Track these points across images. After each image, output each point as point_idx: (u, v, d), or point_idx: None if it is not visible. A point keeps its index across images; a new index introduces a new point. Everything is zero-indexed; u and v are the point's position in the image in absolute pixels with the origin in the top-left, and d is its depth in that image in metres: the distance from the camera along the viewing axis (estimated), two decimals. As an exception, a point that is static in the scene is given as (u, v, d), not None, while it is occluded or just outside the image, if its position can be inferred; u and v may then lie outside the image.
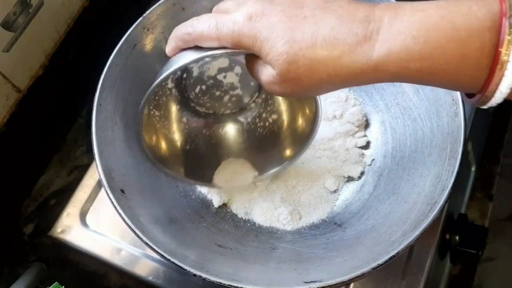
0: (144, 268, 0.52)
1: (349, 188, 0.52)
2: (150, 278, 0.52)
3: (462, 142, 0.43)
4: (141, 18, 0.49)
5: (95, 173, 0.57)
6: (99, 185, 0.56)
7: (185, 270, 0.39)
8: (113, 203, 0.42)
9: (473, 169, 0.74)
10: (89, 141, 0.44)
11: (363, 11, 0.31)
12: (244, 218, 0.51)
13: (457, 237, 0.55)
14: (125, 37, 0.48)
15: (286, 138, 0.50)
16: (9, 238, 0.58)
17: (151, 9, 0.49)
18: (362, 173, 0.52)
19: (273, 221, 0.50)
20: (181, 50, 0.38)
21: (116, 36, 0.48)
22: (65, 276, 0.56)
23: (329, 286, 0.39)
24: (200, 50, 0.36)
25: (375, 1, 0.45)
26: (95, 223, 0.55)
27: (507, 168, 0.80)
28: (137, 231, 0.40)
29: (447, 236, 0.55)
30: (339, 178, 0.51)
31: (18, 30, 0.51)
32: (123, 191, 0.44)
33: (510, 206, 0.80)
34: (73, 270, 0.56)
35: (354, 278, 0.39)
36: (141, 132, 0.44)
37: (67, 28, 0.59)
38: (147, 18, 0.49)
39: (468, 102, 0.33)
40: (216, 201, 0.51)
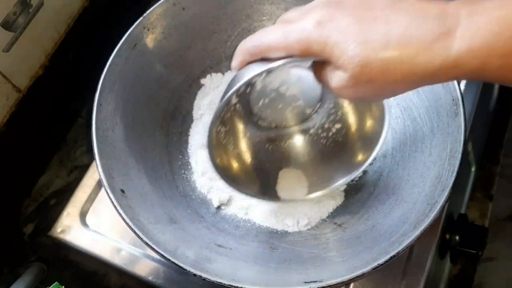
0: (144, 268, 0.52)
1: (350, 188, 0.52)
2: (150, 278, 0.52)
3: (462, 142, 0.43)
4: (141, 18, 0.49)
5: (95, 173, 0.57)
6: (99, 185, 0.56)
7: (185, 270, 0.39)
8: (113, 203, 0.42)
9: (473, 169, 0.74)
10: (89, 141, 0.44)
11: (436, 8, 0.31)
12: (244, 218, 0.51)
13: (457, 237, 0.55)
14: (125, 37, 0.48)
15: (355, 144, 0.48)
16: (9, 238, 0.58)
17: (151, 9, 0.49)
18: (365, 172, 0.52)
19: (273, 221, 0.50)
20: (247, 63, 0.37)
21: (116, 36, 0.48)
22: (65, 276, 0.56)
23: (329, 286, 0.39)
24: (267, 62, 0.35)
25: None
26: (95, 223, 0.55)
27: (507, 168, 0.80)
28: (137, 231, 0.40)
29: (447, 236, 0.55)
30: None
31: (18, 30, 0.51)
32: (123, 191, 0.44)
33: (510, 206, 0.80)
34: (73, 270, 0.56)
35: (354, 278, 0.39)
36: (211, 150, 0.43)
37: (67, 28, 0.59)
38: (147, 18, 0.49)
39: None
40: (216, 201, 0.51)
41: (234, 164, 0.48)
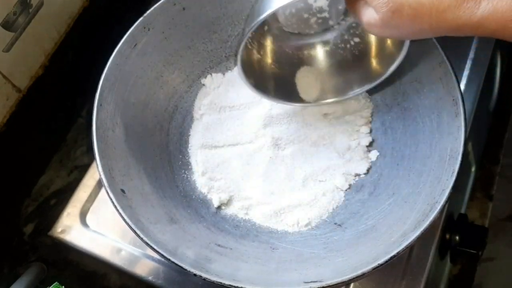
0: (144, 268, 0.52)
1: (350, 188, 0.52)
2: (150, 278, 0.52)
3: (462, 142, 0.43)
4: (141, 18, 0.49)
5: (95, 173, 0.57)
6: (99, 185, 0.56)
7: (185, 270, 0.39)
8: (113, 203, 0.42)
9: (473, 169, 0.74)
10: (89, 141, 0.45)
11: None
12: (244, 218, 0.51)
13: (457, 237, 0.55)
14: (125, 37, 0.48)
15: (373, 59, 0.50)
16: (9, 238, 0.58)
17: (151, 9, 0.49)
18: (369, 169, 0.52)
19: (273, 221, 0.50)
20: None
21: (116, 36, 0.48)
22: (65, 276, 0.56)
23: (329, 286, 0.39)
24: None
25: None
26: (95, 223, 0.55)
27: (507, 168, 0.80)
28: (137, 231, 0.40)
29: (447, 236, 0.55)
30: (347, 176, 0.51)
31: (18, 30, 0.51)
32: (123, 191, 0.44)
33: (510, 206, 0.80)
34: (73, 270, 0.56)
35: (354, 278, 0.39)
36: (240, 57, 0.45)
37: (67, 28, 0.59)
38: (147, 18, 0.49)
39: None
40: (216, 201, 0.51)
41: (256, 64, 0.50)
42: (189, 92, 0.55)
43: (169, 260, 0.40)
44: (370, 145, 0.53)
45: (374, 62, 0.50)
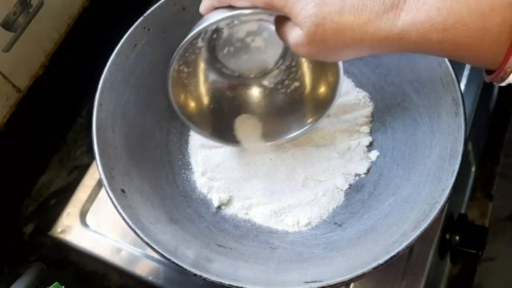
0: (144, 268, 0.52)
1: (350, 188, 0.52)
2: (150, 278, 0.52)
3: (462, 142, 0.43)
4: (141, 18, 0.49)
5: (95, 173, 0.57)
6: (99, 185, 0.56)
7: (186, 270, 0.39)
8: (113, 202, 0.42)
9: (473, 169, 0.74)
10: (89, 141, 0.44)
11: None
12: (244, 218, 0.51)
13: (457, 237, 0.55)
14: (125, 37, 0.48)
15: (307, 105, 0.51)
16: (9, 238, 0.58)
17: (151, 9, 0.49)
18: (369, 170, 0.52)
19: (273, 221, 0.50)
20: (214, 8, 0.39)
21: (116, 36, 0.48)
22: (65, 276, 0.56)
23: (329, 286, 0.39)
24: (233, 9, 0.37)
25: None
26: (95, 223, 0.55)
27: (507, 168, 0.80)
28: (138, 231, 0.40)
29: (447, 236, 0.55)
30: (347, 176, 0.51)
31: (18, 30, 0.51)
32: (123, 190, 0.44)
33: (510, 206, 0.80)
34: (73, 270, 0.56)
35: (354, 278, 0.39)
36: (171, 87, 0.45)
37: (67, 28, 0.59)
38: (147, 18, 0.49)
39: (487, 79, 0.34)
40: (216, 201, 0.51)
41: (193, 103, 0.50)
42: (189, 92, 0.55)
43: (169, 260, 0.40)
44: (370, 145, 0.53)
45: (312, 104, 0.50)
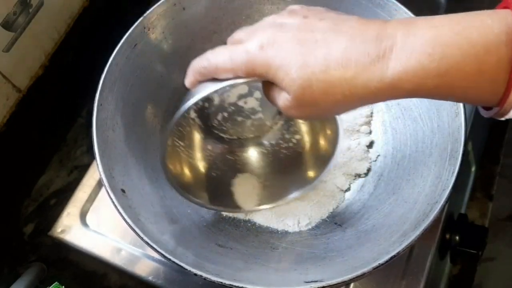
0: (144, 268, 0.52)
1: (350, 188, 0.52)
2: (150, 278, 0.52)
3: (462, 142, 0.43)
4: (141, 18, 0.49)
5: (95, 173, 0.57)
6: (99, 185, 0.56)
7: (186, 269, 0.39)
8: (113, 202, 0.42)
9: (473, 169, 0.74)
10: (89, 141, 0.45)
11: (374, 29, 0.31)
12: (244, 218, 0.51)
13: (457, 237, 0.55)
14: (125, 37, 0.48)
15: (309, 159, 0.49)
16: (9, 238, 0.58)
17: (151, 9, 0.49)
18: (369, 170, 0.52)
19: (273, 221, 0.50)
20: (199, 82, 0.38)
21: (116, 36, 0.48)
22: (65, 276, 0.56)
23: (330, 286, 0.39)
24: (217, 81, 0.36)
25: (387, 17, 0.46)
26: (95, 223, 0.55)
27: (507, 168, 0.80)
28: (138, 231, 0.40)
29: (447, 236, 0.55)
30: (348, 176, 0.51)
31: (18, 30, 0.51)
32: (123, 190, 0.44)
33: (510, 206, 0.80)
34: (73, 270, 0.56)
35: (354, 278, 0.39)
36: (166, 162, 0.43)
37: (67, 28, 0.59)
38: (147, 18, 0.49)
39: (485, 115, 0.33)
40: (216, 201, 0.51)
41: (190, 173, 0.48)
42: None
43: (169, 259, 0.40)
44: (370, 145, 0.53)
45: (314, 159, 0.49)
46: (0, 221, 0.57)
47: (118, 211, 0.41)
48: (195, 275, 0.39)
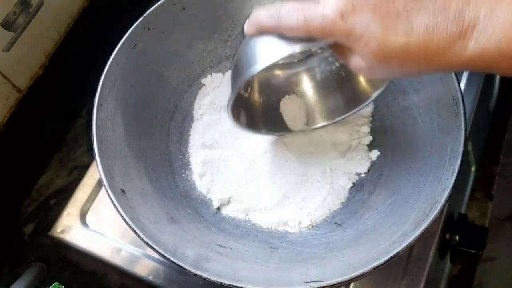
0: (144, 268, 0.52)
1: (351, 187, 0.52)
2: (150, 278, 0.52)
3: (462, 142, 0.43)
4: (141, 18, 0.49)
5: (95, 173, 0.57)
6: (99, 185, 0.56)
7: (186, 269, 0.39)
8: (113, 202, 0.42)
9: (473, 169, 0.74)
10: (89, 141, 0.44)
11: (456, 3, 0.31)
12: (244, 218, 0.51)
13: (457, 237, 0.55)
14: (125, 37, 0.48)
15: (352, 84, 0.49)
16: (9, 238, 0.58)
17: (151, 9, 0.49)
18: (369, 169, 0.52)
19: (273, 221, 0.50)
20: (260, 33, 0.38)
21: (116, 36, 0.48)
22: (65, 276, 0.56)
23: (330, 286, 0.39)
24: (288, 40, 0.36)
25: None
26: (95, 223, 0.55)
27: (507, 168, 0.80)
28: (138, 231, 0.40)
29: (447, 236, 0.55)
30: (348, 176, 0.51)
31: (18, 30, 0.51)
32: (123, 190, 0.44)
33: (510, 206, 0.80)
34: (73, 270, 0.56)
35: (354, 278, 0.39)
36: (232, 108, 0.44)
37: (67, 28, 0.59)
38: (147, 18, 0.49)
39: None
40: (216, 201, 0.51)
41: (245, 102, 0.50)
42: (189, 92, 0.55)
43: (169, 259, 0.40)
44: (371, 144, 0.53)
45: (361, 83, 0.49)
46: (0, 221, 0.57)
47: (118, 211, 0.41)
48: (194, 275, 0.39)
